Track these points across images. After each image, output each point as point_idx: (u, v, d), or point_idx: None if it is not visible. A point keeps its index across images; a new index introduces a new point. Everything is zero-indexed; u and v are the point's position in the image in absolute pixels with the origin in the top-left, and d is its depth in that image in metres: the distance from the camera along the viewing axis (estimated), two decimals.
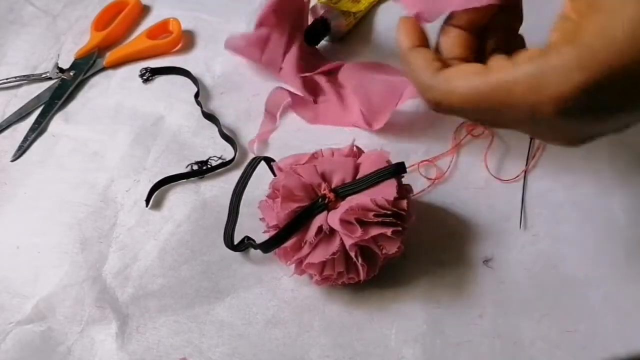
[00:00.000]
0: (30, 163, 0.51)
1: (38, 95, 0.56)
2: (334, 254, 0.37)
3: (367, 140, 0.45)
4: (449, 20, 0.32)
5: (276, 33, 0.53)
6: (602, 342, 0.38)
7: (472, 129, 0.48)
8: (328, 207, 0.38)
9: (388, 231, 0.37)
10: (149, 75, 0.57)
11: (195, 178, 0.49)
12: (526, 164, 0.45)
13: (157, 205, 0.47)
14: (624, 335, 0.38)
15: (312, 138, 0.50)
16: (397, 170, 0.39)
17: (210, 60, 0.58)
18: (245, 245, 0.43)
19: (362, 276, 0.38)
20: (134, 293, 0.42)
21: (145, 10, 0.64)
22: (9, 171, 0.51)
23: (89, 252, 0.45)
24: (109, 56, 0.59)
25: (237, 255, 0.44)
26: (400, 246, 0.38)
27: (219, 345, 0.40)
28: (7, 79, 0.58)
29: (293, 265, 0.39)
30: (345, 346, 0.39)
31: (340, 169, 0.39)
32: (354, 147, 0.42)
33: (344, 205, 0.38)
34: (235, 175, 0.46)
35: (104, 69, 0.58)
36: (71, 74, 0.57)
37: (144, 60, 0.58)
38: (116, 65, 0.58)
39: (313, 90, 0.53)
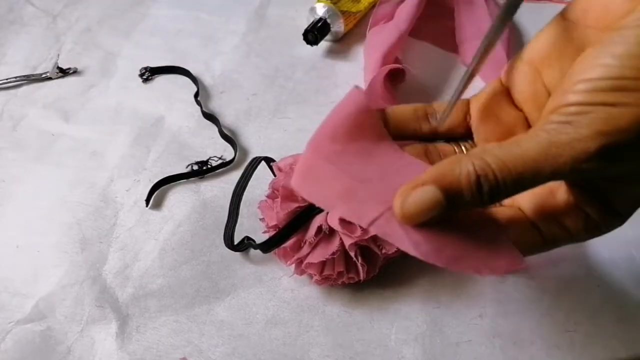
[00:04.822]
0: (30, 162, 0.51)
1: None
2: (333, 253, 0.37)
3: None
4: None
5: None
6: (602, 342, 0.38)
7: None
8: None
9: None
10: (149, 75, 0.57)
11: (195, 178, 0.49)
12: None
13: (157, 205, 0.47)
14: (624, 335, 0.38)
15: None
16: None
17: (210, 59, 0.58)
18: (245, 245, 0.43)
19: (362, 276, 0.38)
20: (134, 293, 0.42)
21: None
22: (8, 168, 0.51)
23: (89, 252, 0.45)
24: None
25: (237, 255, 0.44)
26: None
27: (219, 345, 0.40)
28: (7, 79, 0.58)
29: (293, 265, 0.39)
30: (345, 346, 0.39)
31: None
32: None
33: None
34: (235, 175, 0.46)
35: None
36: None
37: None
38: None
39: None
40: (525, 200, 0.29)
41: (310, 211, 0.38)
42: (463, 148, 0.32)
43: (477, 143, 0.31)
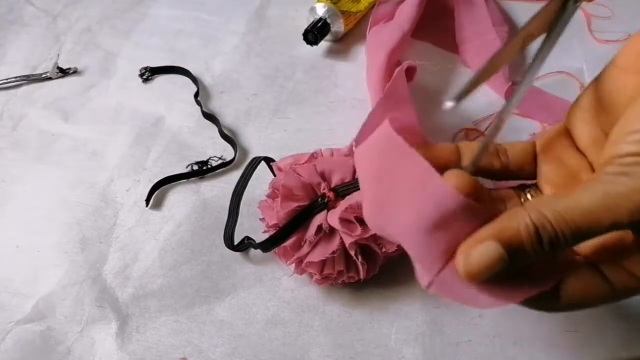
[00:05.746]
0: (30, 162, 0.51)
1: None
2: (333, 252, 0.37)
3: None
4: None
5: None
6: (602, 342, 0.38)
7: (470, 133, 0.48)
8: (328, 206, 0.38)
9: None
10: (149, 75, 0.57)
11: (195, 178, 0.49)
12: None
13: (157, 205, 0.47)
14: (624, 335, 0.38)
15: (312, 138, 0.50)
16: None
17: (210, 59, 0.58)
18: (245, 245, 0.43)
19: (362, 275, 0.38)
20: (134, 293, 0.42)
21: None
22: (8, 168, 0.51)
23: (89, 252, 0.45)
24: None
25: (237, 255, 0.44)
26: (400, 245, 0.38)
27: (219, 345, 0.40)
28: (7, 79, 0.58)
29: (293, 265, 0.39)
30: (345, 346, 0.39)
31: (340, 169, 0.39)
32: (353, 147, 0.41)
33: (344, 204, 0.38)
34: (235, 175, 0.46)
35: None
36: None
37: None
38: None
39: None
40: (590, 247, 0.29)
41: (310, 210, 0.38)
42: (529, 196, 0.32)
43: (540, 184, 0.32)
